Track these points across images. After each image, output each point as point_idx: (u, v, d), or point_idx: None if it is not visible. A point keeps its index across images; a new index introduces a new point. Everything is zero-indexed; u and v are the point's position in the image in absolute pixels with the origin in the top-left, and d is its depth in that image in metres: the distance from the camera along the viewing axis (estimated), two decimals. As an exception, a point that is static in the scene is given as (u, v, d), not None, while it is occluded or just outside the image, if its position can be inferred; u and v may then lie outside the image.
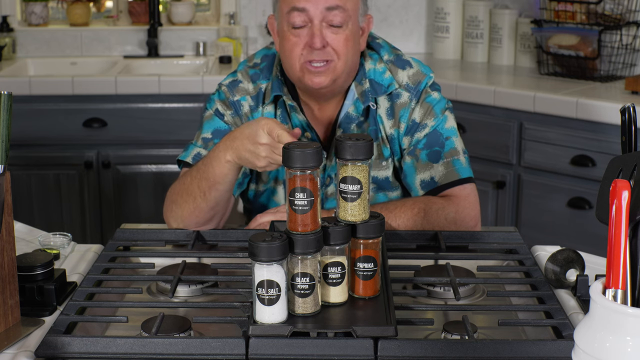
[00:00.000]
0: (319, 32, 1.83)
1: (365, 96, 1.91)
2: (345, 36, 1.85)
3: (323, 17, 1.83)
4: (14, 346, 1.36)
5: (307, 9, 1.82)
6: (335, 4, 1.83)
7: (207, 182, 1.79)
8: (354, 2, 1.86)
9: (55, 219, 3.56)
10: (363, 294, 1.46)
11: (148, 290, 1.63)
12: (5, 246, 1.40)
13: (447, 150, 1.92)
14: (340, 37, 1.84)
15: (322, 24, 1.83)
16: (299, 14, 1.83)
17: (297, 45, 1.85)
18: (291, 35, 1.85)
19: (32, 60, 4.00)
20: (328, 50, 1.84)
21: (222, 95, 1.98)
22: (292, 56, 1.85)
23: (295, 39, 1.85)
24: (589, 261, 1.66)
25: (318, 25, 1.83)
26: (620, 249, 0.97)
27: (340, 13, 1.83)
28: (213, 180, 1.79)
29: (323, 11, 1.83)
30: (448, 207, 1.87)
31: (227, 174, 1.78)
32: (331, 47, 1.84)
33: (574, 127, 3.05)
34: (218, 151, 1.78)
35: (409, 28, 4.12)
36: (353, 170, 1.43)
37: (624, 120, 1.30)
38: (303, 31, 1.84)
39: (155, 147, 3.53)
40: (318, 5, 1.82)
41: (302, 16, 1.83)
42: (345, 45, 1.85)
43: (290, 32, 1.85)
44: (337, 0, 1.83)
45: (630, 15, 3.36)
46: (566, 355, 1.30)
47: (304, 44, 1.84)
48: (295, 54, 1.85)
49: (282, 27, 1.88)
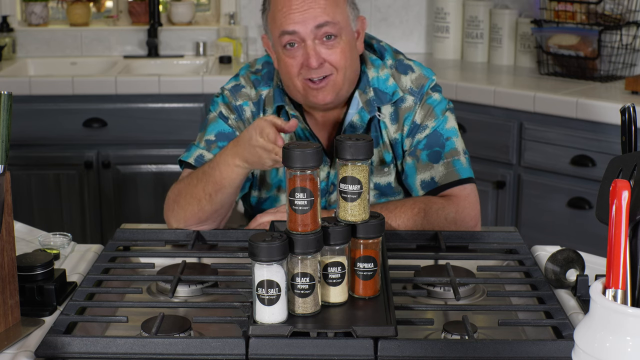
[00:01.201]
0: (313, 51, 1.83)
1: (371, 105, 1.92)
2: (340, 49, 1.85)
3: (314, 35, 1.83)
4: (14, 346, 1.36)
5: (298, 30, 1.83)
6: (324, 20, 1.82)
7: (215, 186, 1.80)
8: (341, 12, 1.85)
9: (55, 219, 3.56)
10: (363, 294, 1.46)
11: (148, 290, 1.63)
12: (5, 246, 1.40)
13: (448, 151, 1.92)
14: (336, 51, 1.84)
15: (315, 41, 1.83)
16: (290, 36, 1.83)
17: (294, 66, 1.85)
18: (286, 57, 1.86)
19: (32, 60, 4.00)
20: (325, 67, 1.84)
21: (226, 99, 1.99)
22: (291, 77, 1.86)
23: (291, 60, 1.85)
24: (589, 261, 1.66)
25: (311, 45, 1.83)
26: (620, 249, 0.97)
27: (331, 28, 1.83)
28: (220, 184, 1.79)
29: (313, 30, 1.82)
30: (448, 207, 1.87)
31: (235, 178, 1.78)
32: (328, 62, 1.84)
33: (574, 127, 3.05)
34: (225, 156, 1.78)
35: (409, 28, 4.12)
36: (353, 170, 1.43)
37: (624, 120, 1.30)
38: (297, 51, 1.85)
39: (155, 147, 3.53)
40: (307, 25, 1.82)
41: (293, 37, 1.83)
42: (342, 57, 1.85)
43: (285, 53, 1.86)
44: (325, 17, 1.82)
45: (630, 15, 3.36)
46: (566, 355, 1.30)
47: (300, 64, 1.84)
48: (293, 74, 1.86)
49: (276, 48, 1.89)
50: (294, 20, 1.82)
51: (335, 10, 1.84)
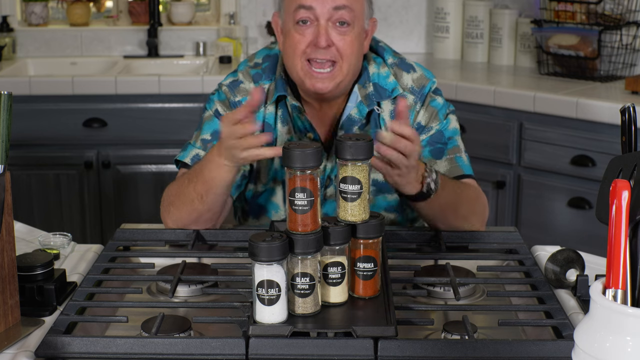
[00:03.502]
0: (325, 30, 1.82)
1: (369, 100, 1.91)
2: (350, 38, 1.84)
3: (330, 16, 1.82)
4: (14, 346, 1.36)
5: (315, 7, 1.81)
6: (343, 3, 1.82)
7: (204, 186, 1.78)
8: (360, 3, 1.85)
9: (55, 219, 3.56)
10: (363, 294, 1.46)
11: (148, 290, 1.63)
12: (5, 246, 1.40)
13: (450, 148, 1.93)
14: (346, 39, 1.83)
15: (329, 23, 1.82)
16: (306, 11, 1.82)
17: (301, 42, 1.83)
18: (296, 32, 1.84)
19: (32, 60, 4.00)
20: (332, 50, 1.83)
21: (223, 96, 1.97)
22: (295, 53, 1.84)
23: (300, 37, 1.83)
24: (589, 261, 1.66)
25: (324, 24, 1.82)
26: (620, 249, 0.97)
27: (348, 13, 1.82)
28: (210, 184, 1.78)
29: (330, 10, 1.81)
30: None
31: (224, 176, 1.76)
32: (336, 47, 1.83)
33: (574, 127, 3.05)
34: (212, 155, 1.76)
35: (409, 28, 4.12)
36: (353, 170, 1.43)
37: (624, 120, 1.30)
38: (308, 29, 1.83)
39: (155, 147, 3.53)
40: (326, 4, 1.81)
41: (308, 14, 1.82)
42: (350, 47, 1.84)
43: (295, 29, 1.84)
44: (345, 0, 1.82)
45: (630, 15, 3.36)
46: (566, 355, 1.30)
47: (309, 42, 1.83)
48: (298, 51, 1.84)
49: (286, 25, 1.87)
50: None
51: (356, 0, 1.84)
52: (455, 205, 1.83)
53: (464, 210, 1.85)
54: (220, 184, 1.77)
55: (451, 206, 1.82)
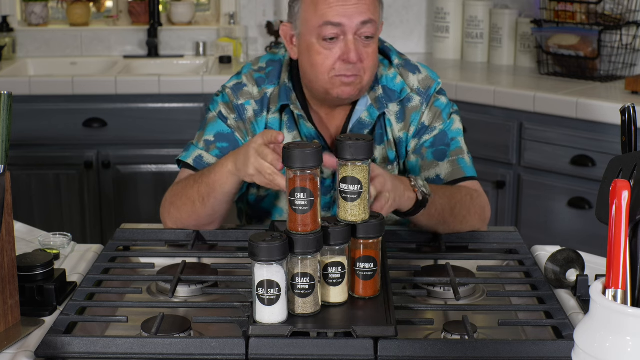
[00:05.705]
0: (354, 46, 1.80)
1: (380, 103, 1.91)
2: (372, 50, 1.84)
3: (356, 30, 1.81)
4: (14, 346, 1.36)
5: (343, 23, 1.80)
6: (369, 17, 1.81)
7: (207, 188, 1.78)
8: (378, 13, 1.85)
9: (55, 219, 3.56)
10: (363, 294, 1.46)
11: (148, 290, 1.63)
12: (5, 246, 1.40)
13: (453, 149, 1.93)
14: (369, 51, 1.83)
15: (355, 37, 1.82)
16: (334, 28, 1.80)
17: (329, 58, 1.82)
18: (322, 48, 1.82)
19: (32, 60, 4.00)
20: (358, 65, 1.82)
21: (226, 98, 1.96)
22: (322, 70, 1.83)
23: (327, 52, 1.82)
24: (589, 261, 1.66)
25: (352, 40, 1.81)
26: (620, 249, 0.97)
27: (372, 27, 1.82)
28: (212, 187, 1.77)
29: (358, 25, 1.80)
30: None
31: (225, 183, 1.75)
32: (361, 61, 1.83)
33: (574, 127, 3.05)
34: (226, 159, 1.76)
35: (409, 28, 4.12)
36: (353, 170, 1.43)
37: (624, 120, 1.30)
38: (336, 45, 1.81)
39: (155, 147, 3.53)
40: (354, 20, 1.80)
41: (336, 31, 1.80)
42: (373, 58, 1.84)
43: (321, 44, 1.82)
44: (370, 14, 1.81)
45: (630, 15, 3.36)
46: (566, 355, 1.30)
47: (337, 57, 1.82)
48: (325, 67, 1.82)
49: (307, 38, 1.84)
50: (341, 12, 1.79)
51: (376, 11, 1.83)
52: (451, 208, 1.82)
53: (461, 210, 1.85)
54: (221, 189, 1.77)
55: (447, 209, 1.82)
